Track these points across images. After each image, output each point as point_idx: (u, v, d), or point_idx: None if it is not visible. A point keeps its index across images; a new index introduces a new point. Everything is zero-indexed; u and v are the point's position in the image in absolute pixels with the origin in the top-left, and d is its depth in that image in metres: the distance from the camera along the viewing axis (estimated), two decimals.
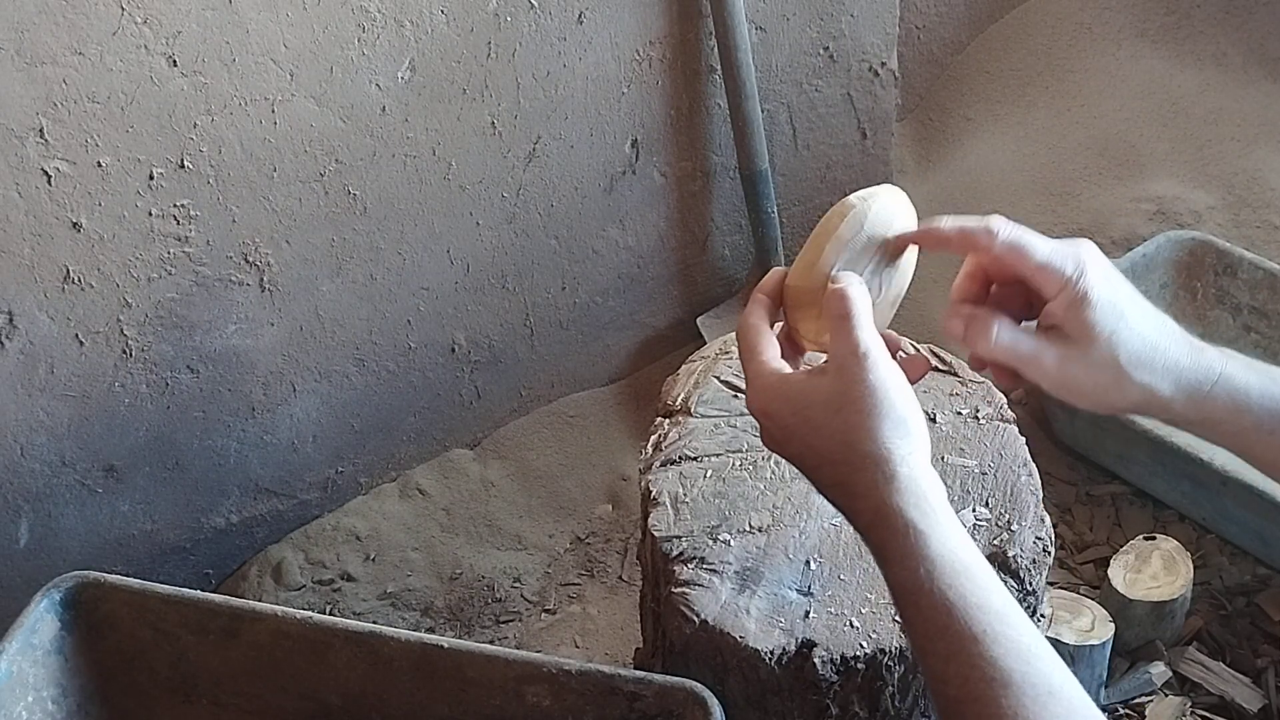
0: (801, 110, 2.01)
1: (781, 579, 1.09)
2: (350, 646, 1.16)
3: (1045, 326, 0.85)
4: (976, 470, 1.19)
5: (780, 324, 0.92)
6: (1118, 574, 1.54)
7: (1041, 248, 0.83)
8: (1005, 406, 1.25)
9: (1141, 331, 0.84)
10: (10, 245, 1.35)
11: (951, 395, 1.27)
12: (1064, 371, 0.83)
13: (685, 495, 1.17)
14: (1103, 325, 0.82)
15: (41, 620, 1.17)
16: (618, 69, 1.76)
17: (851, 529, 0.83)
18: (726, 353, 1.31)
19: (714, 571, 1.10)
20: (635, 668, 1.14)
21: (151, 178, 1.41)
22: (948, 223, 0.87)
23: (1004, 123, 2.33)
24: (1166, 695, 1.51)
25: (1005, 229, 0.84)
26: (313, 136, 1.52)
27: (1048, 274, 0.83)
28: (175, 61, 1.37)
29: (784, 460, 0.88)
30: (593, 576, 1.76)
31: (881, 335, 0.85)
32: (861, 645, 1.04)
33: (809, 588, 1.09)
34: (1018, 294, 0.87)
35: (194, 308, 1.52)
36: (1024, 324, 0.86)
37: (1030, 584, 1.12)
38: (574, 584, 1.75)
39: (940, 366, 1.30)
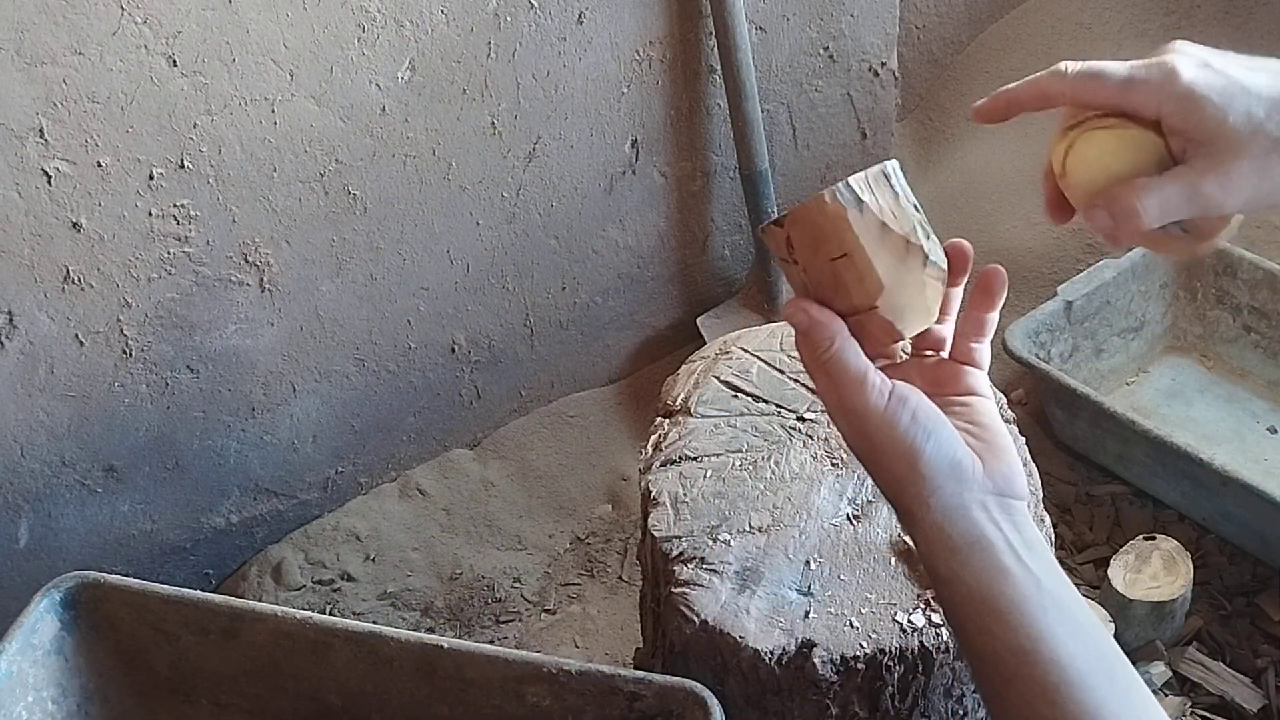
0: (801, 110, 2.01)
1: (781, 579, 1.09)
2: (350, 646, 1.16)
3: (1179, 154, 0.74)
4: None
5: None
6: (1118, 574, 1.54)
7: (1119, 66, 0.75)
8: (1005, 406, 1.25)
9: (1272, 89, 0.73)
10: (10, 245, 1.35)
11: None
12: (1235, 188, 0.72)
13: (685, 495, 1.17)
14: (1232, 110, 0.71)
15: (41, 620, 1.17)
16: (618, 69, 1.76)
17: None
18: (726, 353, 1.31)
19: (714, 571, 1.10)
20: (635, 668, 1.14)
21: (151, 178, 1.41)
22: (1010, 87, 0.80)
23: (1004, 123, 2.33)
24: (1166, 695, 1.51)
25: (1072, 63, 0.77)
26: (313, 136, 1.52)
27: (1137, 87, 0.74)
28: (175, 61, 1.37)
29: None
30: (593, 576, 1.76)
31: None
32: (861, 645, 1.04)
33: (809, 588, 1.09)
34: None
35: (194, 308, 1.52)
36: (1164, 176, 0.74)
37: None
38: (574, 584, 1.75)
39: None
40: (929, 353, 0.88)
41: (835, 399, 0.80)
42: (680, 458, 1.20)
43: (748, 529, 1.13)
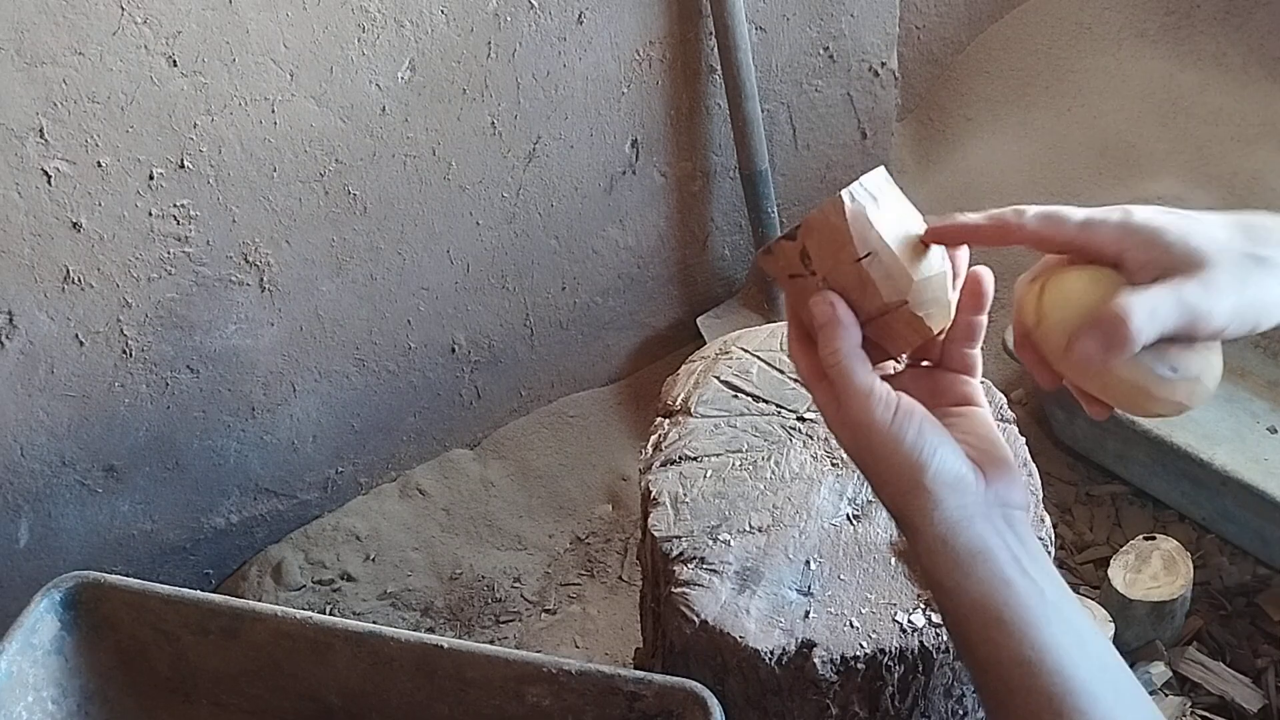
0: (801, 110, 2.01)
1: (781, 579, 1.09)
2: (350, 646, 1.16)
3: (1147, 281, 0.73)
4: None
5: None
6: (1118, 574, 1.54)
7: (1077, 210, 0.75)
8: (1005, 406, 1.25)
9: (1223, 219, 0.74)
10: (10, 245, 1.35)
11: None
12: (1217, 294, 0.71)
13: (685, 495, 1.17)
14: (1192, 236, 0.72)
15: (41, 620, 1.17)
16: (618, 69, 1.76)
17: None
18: (726, 353, 1.31)
19: (714, 571, 1.10)
20: (635, 668, 1.14)
21: (151, 178, 1.41)
22: (970, 218, 0.79)
23: (1004, 123, 2.33)
24: (1166, 695, 1.51)
25: (1032, 208, 0.77)
26: (313, 136, 1.52)
27: (1095, 227, 0.74)
28: (175, 61, 1.37)
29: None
30: (593, 576, 1.76)
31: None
32: (861, 645, 1.04)
33: (809, 588, 1.09)
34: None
35: (194, 308, 1.52)
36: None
37: None
38: (574, 584, 1.75)
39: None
40: (924, 362, 0.88)
41: (835, 411, 0.80)
42: (680, 458, 1.20)
43: (748, 529, 1.13)
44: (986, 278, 0.84)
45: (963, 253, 0.84)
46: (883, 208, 0.79)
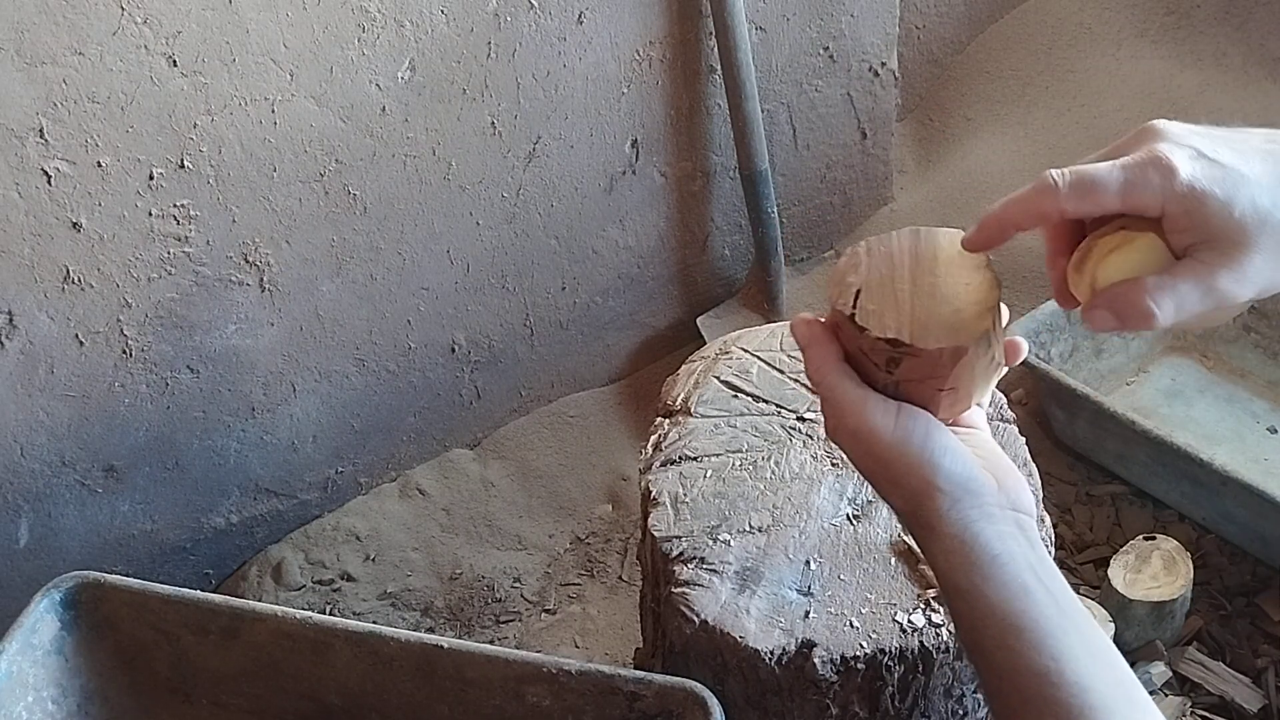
0: (801, 110, 2.01)
1: (781, 579, 1.09)
2: (350, 646, 1.16)
3: (1181, 251, 0.71)
4: None
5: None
6: (1118, 574, 1.54)
7: (1111, 176, 0.70)
8: (1005, 406, 1.25)
9: (1268, 174, 0.70)
10: (10, 245, 1.35)
11: None
12: (1248, 280, 0.70)
13: (685, 495, 1.17)
14: (1237, 203, 0.69)
15: (41, 620, 1.17)
16: (618, 69, 1.76)
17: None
18: (726, 353, 1.31)
19: (714, 571, 1.10)
20: (635, 668, 1.14)
21: (151, 178, 1.41)
22: (997, 207, 0.76)
23: (1004, 123, 2.33)
24: (1166, 695, 1.51)
25: (1061, 176, 0.72)
26: (313, 136, 1.52)
27: (1137, 191, 0.70)
28: (175, 61, 1.37)
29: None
30: (593, 576, 1.76)
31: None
32: (861, 645, 1.04)
33: (809, 588, 1.09)
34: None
35: (194, 308, 1.52)
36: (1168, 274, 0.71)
37: None
38: (574, 584, 1.75)
39: None
40: None
41: (835, 422, 0.80)
42: (680, 458, 1.20)
43: (748, 529, 1.13)
44: (1023, 349, 0.84)
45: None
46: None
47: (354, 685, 1.18)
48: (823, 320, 0.82)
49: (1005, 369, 0.83)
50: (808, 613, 1.07)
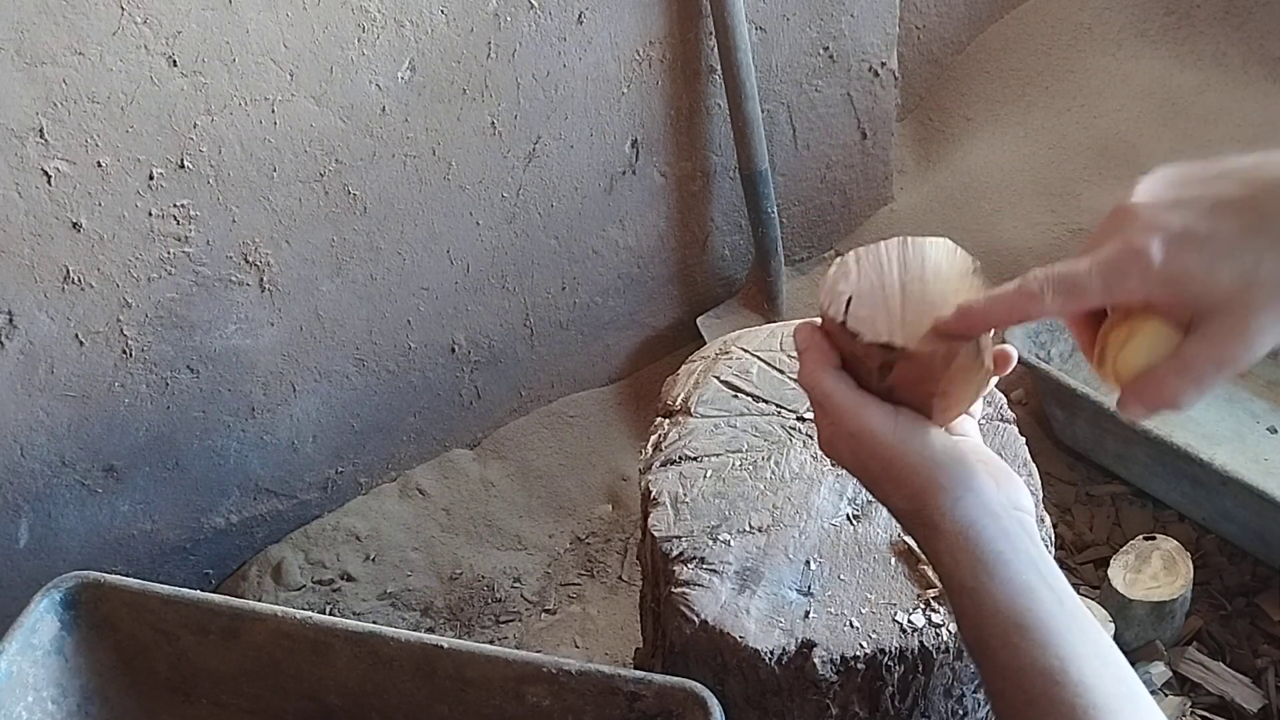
0: (801, 110, 2.01)
1: (781, 579, 1.09)
2: (350, 646, 1.16)
3: (1187, 322, 0.71)
4: None
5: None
6: (1118, 574, 1.55)
7: (1091, 279, 0.69)
8: (1005, 406, 1.25)
9: (1249, 230, 0.68)
10: (10, 245, 1.35)
11: None
12: (1259, 341, 0.68)
13: (685, 495, 1.17)
14: (1219, 278, 0.67)
15: (41, 620, 1.17)
16: (618, 69, 1.76)
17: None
18: (726, 353, 1.31)
19: (714, 571, 1.10)
20: (635, 668, 1.14)
21: (151, 178, 1.41)
22: (982, 301, 0.75)
23: (1004, 123, 2.33)
24: (1166, 695, 1.51)
25: (1044, 285, 0.71)
26: (313, 136, 1.52)
27: (1117, 289, 0.70)
28: (175, 61, 1.37)
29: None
30: (593, 576, 1.76)
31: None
32: (861, 645, 1.04)
33: (809, 588, 1.09)
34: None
35: (194, 308, 1.52)
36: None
37: None
38: (574, 584, 1.75)
39: None
40: None
41: (833, 427, 0.80)
42: (680, 458, 1.20)
43: (748, 529, 1.13)
44: (1013, 358, 0.85)
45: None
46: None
47: (354, 685, 1.18)
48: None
49: (995, 378, 0.83)
50: (808, 613, 1.07)
